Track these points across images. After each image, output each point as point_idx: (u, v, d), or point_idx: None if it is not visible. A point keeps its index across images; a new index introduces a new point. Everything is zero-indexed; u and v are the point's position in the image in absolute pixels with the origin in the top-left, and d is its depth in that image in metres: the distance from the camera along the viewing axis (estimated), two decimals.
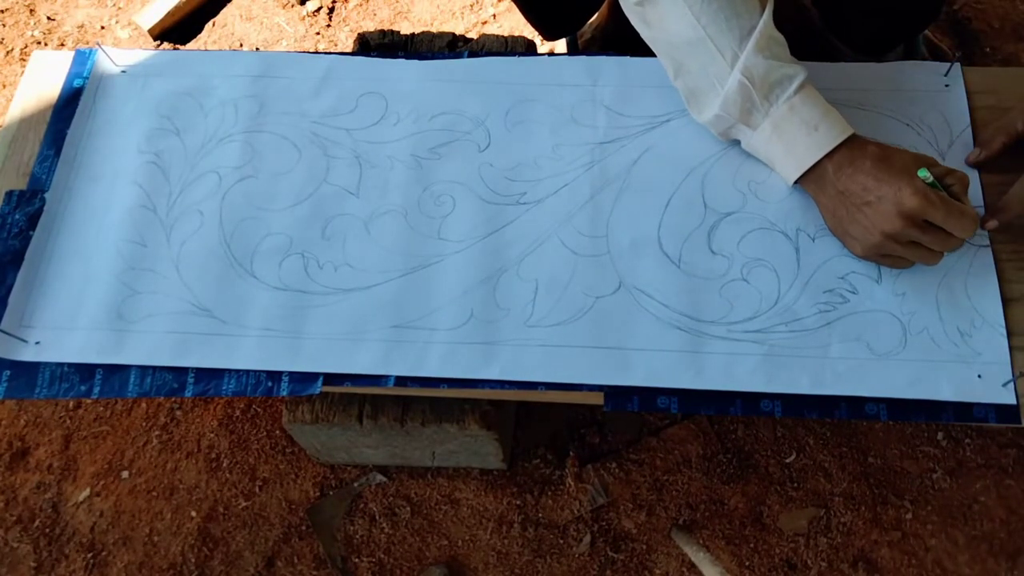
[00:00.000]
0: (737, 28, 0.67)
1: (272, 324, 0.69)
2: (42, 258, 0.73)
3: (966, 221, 0.62)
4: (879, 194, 0.64)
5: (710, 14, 0.67)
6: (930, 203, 0.62)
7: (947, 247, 0.65)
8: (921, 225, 0.63)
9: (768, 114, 0.69)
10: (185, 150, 0.79)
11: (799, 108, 0.67)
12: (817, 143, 0.67)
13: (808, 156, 0.68)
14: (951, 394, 0.64)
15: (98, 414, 1.08)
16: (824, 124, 0.67)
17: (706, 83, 0.71)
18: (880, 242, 0.65)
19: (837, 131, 0.67)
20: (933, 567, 0.94)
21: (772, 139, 0.70)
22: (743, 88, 0.67)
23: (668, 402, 0.67)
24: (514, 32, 1.38)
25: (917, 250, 0.66)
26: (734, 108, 0.69)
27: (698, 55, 0.69)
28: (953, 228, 0.63)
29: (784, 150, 0.70)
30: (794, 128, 0.68)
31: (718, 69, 0.68)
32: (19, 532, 1.00)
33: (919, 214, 0.62)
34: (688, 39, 0.69)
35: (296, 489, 1.02)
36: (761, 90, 0.67)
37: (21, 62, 1.40)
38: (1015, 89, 0.79)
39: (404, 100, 0.81)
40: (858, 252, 0.69)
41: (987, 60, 1.29)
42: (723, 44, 0.67)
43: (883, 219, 0.64)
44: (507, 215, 0.74)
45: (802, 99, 0.67)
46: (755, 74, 0.67)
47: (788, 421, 1.03)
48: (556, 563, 0.96)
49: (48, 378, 0.69)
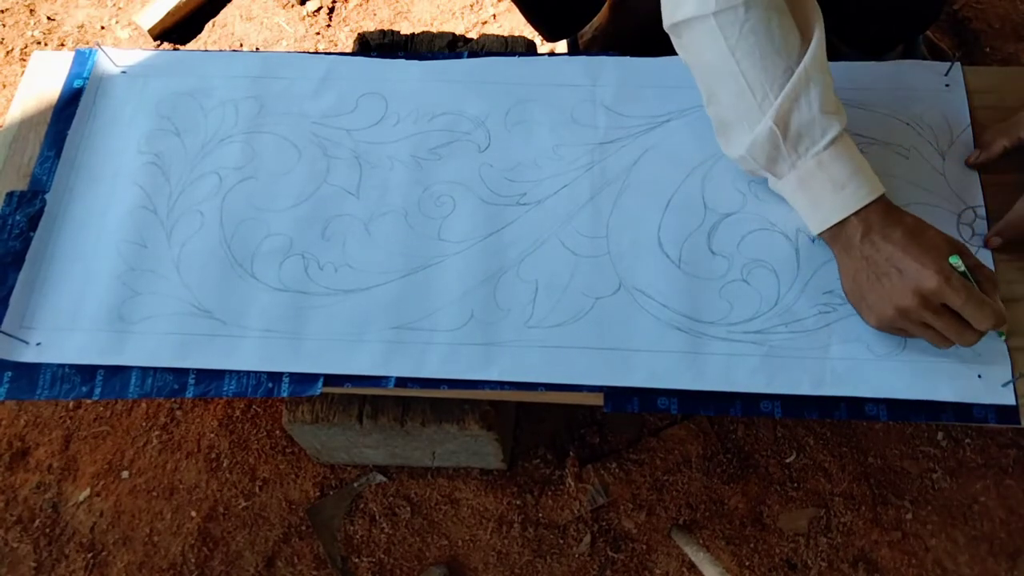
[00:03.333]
0: (772, 67, 0.63)
1: (272, 325, 0.69)
2: (43, 259, 0.73)
3: (986, 312, 0.59)
4: (901, 267, 0.61)
5: (745, 49, 0.63)
6: (951, 287, 0.59)
7: (961, 338, 0.61)
8: (936, 308, 0.61)
9: (795, 166, 0.66)
10: (185, 151, 0.79)
11: (828, 165, 0.64)
12: (843, 202, 0.64)
13: (833, 214, 0.65)
14: (951, 395, 0.64)
15: (98, 414, 1.08)
16: (853, 183, 0.63)
17: (735, 118, 0.67)
18: (892, 316, 0.63)
19: (865, 191, 0.63)
20: (933, 567, 0.94)
21: (797, 191, 0.67)
22: (772, 136, 0.64)
23: (668, 403, 0.67)
24: (514, 32, 1.38)
25: (929, 332, 0.63)
26: (761, 155, 0.66)
27: (729, 88, 0.66)
28: (971, 317, 0.60)
29: (809, 203, 0.67)
30: (820, 184, 0.65)
31: (748, 108, 0.65)
32: (19, 532, 1.00)
33: (936, 296, 0.60)
34: (720, 70, 0.65)
35: (296, 489, 1.02)
36: (791, 142, 0.64)
37: (21, 62, 1.40)
38: (1015, 89, 0.79)
39: (404, 100, 0.81)
40: (872, 322, 0.66)
41: (987, 60, 1.29)
42: (755, 82, 0.64)
43: (899, 293, 0.61)
44: (507, 216, 0.74)
45: (832, 155, 0.64)
46: (787, 123, 0.64)
47: (788, 421, 1.03)
48: (556, 563, 0.96)
49: (49, 379, 0.69)
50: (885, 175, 0.66)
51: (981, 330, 0.61)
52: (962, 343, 0.62)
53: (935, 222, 0.71)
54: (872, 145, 0.76)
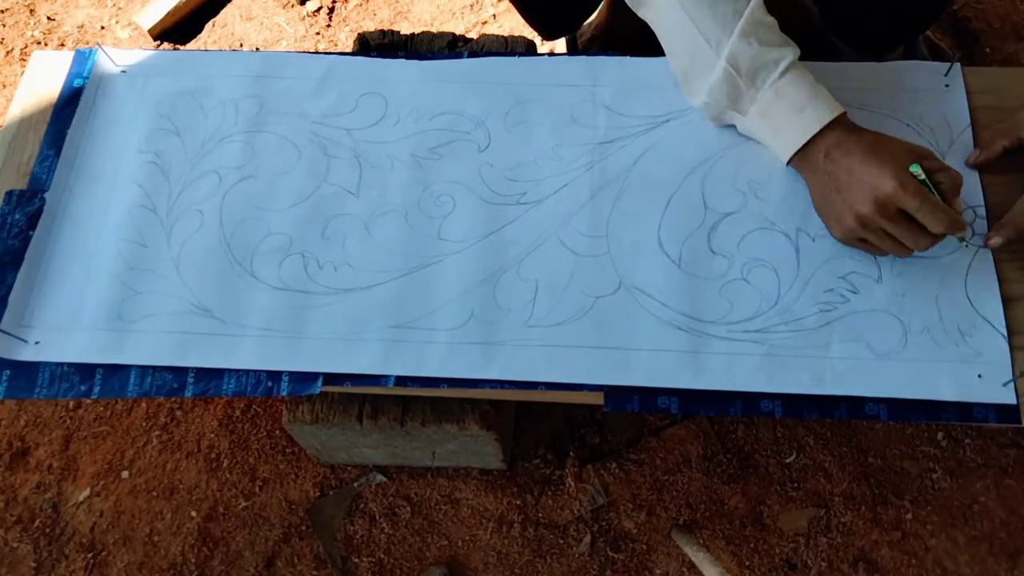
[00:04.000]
0: (721, 14, 0.67)
1: (272, 324, 0.69)
2: (42, 258, 0.73)
3: (939, 216, 0.61)
4: (860, 176, 0.64)
5: (692, 0, 0.67)
6: (906, 191, 0.61)
7: (917, 244, 0.64)
8: (893, 215, 0.63)
9: (755, 100, 0.69)
10: (185, 150, 0.78)
11: (785, 91, 0.67)
12: (804, 125, 0.67)
13: (796, 138, 0.68)
14: (951, 394, 0.64)
15: (98, 414, 1.08)
16: (811, 105, 0.67)
17: (694, 68, 0.71)
18: (853, 226, 0.66)
19: (824, 111, 0.66)
20: (933, 567, 0.94)
21: (761, 123, 0.70)
22: (728, 75, 0.68)
23: (668, 402, 0.67)
24: (514, 32, 1.38)
25: (888, 240, 0.65)
26: (721, 95, 0.70)
27: (685, 40, 0.70)
28: (925, 220, 0.62)
29: (773, 132, 0.70)
30: (781, 111, 0.68)
31: (704, 55, 0.69)
32: (19, 532, 1.00)
33: (892, 201, 0.62)
34: (675, 25, 0.70)
35: (296, 489, 1.02)
36: (746, 76, 0.68)
37: (21, 62, 1.40)
38: (1015, 89, 0.79)
39: (404, 100, 0.81)
40: (837, 234, 0.69)
41: (987, 60, 1.29)
42: (707, 30, 0.68)
43: (859, 201, 0.64)
44: (507, 215, 0.74)
45: (788, 82, 0.67)
46: (740, 61, 0.67)
47: (788, 421, 1.03)
48: (556, 563, 0.96)
49: (48, 378, 0.69)
50: None
51: (935, 233, 0.63)
52: (917, 248, 0.64)
53: None
54: None
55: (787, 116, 0.68)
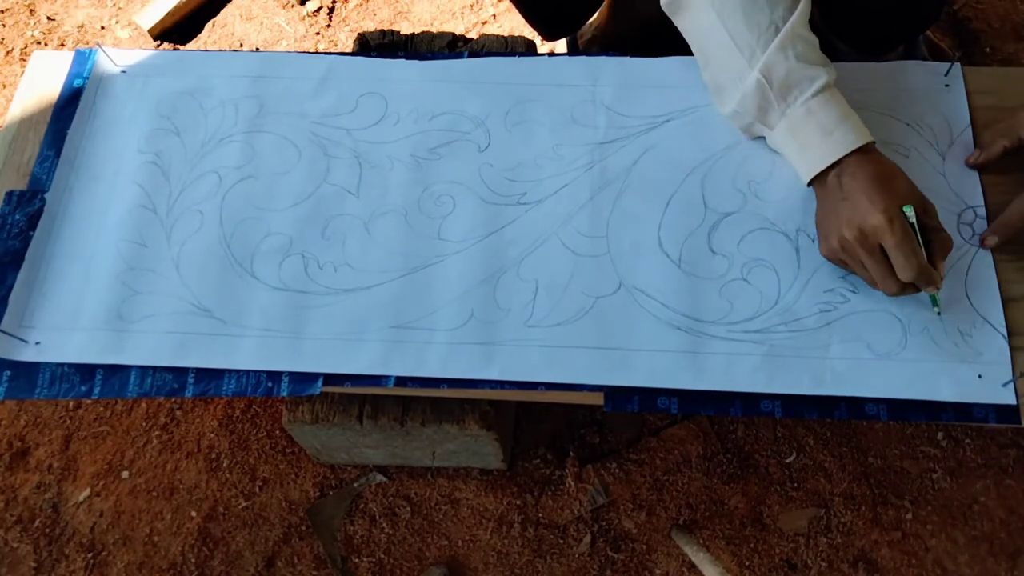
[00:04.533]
0: (756, 24, 0.66)
1: (272, 324, 0.69)
2: (42, 258, 0.73)
3: (911, 263, 0.61)
4: (855, 202, 0.64)
5: (729, 10, 0.67)
6: (890, 229, 0.61)
7: (883, 284, 0.63)
8: (872, 248, 0.63)
9: (784, 114, 0.68)
10: (185, 150, 0.79)
11: (816, 111, 0.66)
12: (831, 148, 0.66)
13: (820, 160, 0.67)
14: (951, 394, 0.64)
15: (98, 414, 1.08)
16: (840, 129, 0.66)
17: (727, 78, 0.71)
18: (835, 246, 0.66)
19: (853, 137, 0.65)
20: (933, 567, 0.94)
21: (787, 139, 0.70)
22: (760, 87, 0.67)
23: (668, 402, 0.67)
24: (514, 32, 1.38)
25: (863, 272, 0.65)
26: (751, 106, 0.69)
27: (720, 49, 0.69)
28: (896, 263, 0.62)
29: (799, 151, 0.69)
30: (809, 131, 0.67)
31: (738, 65, 0.68)
32: (19, 532, 1.00)
33: (874, 234, 0.62)
34: (710, 32, 0.69)
35: (296, 489, 1.02)
36: (779, 90, 0.67)
37: (21, 62, 1.40)
38: (1015, 89, 0.79)
39: (404, 100, 0.81)
40: (821, 250, 0.69)
41: (987, 60, 1.29)
42: (742, 40, 0.67)
43: (845, 225, 0.64)
44: (507, 215, 0.74)
45: (820, 102, 0.66)
46: (773, 74, 0.66)
47: (788, 421, 1.03)
48: (556, 563, 0.96)
49: (48, 378, 0.69)
50: None
51: (902, 279, 0.62)
52: (884, 290, 0.64)
53: None
54: None
55: (815, 136, 0.67)
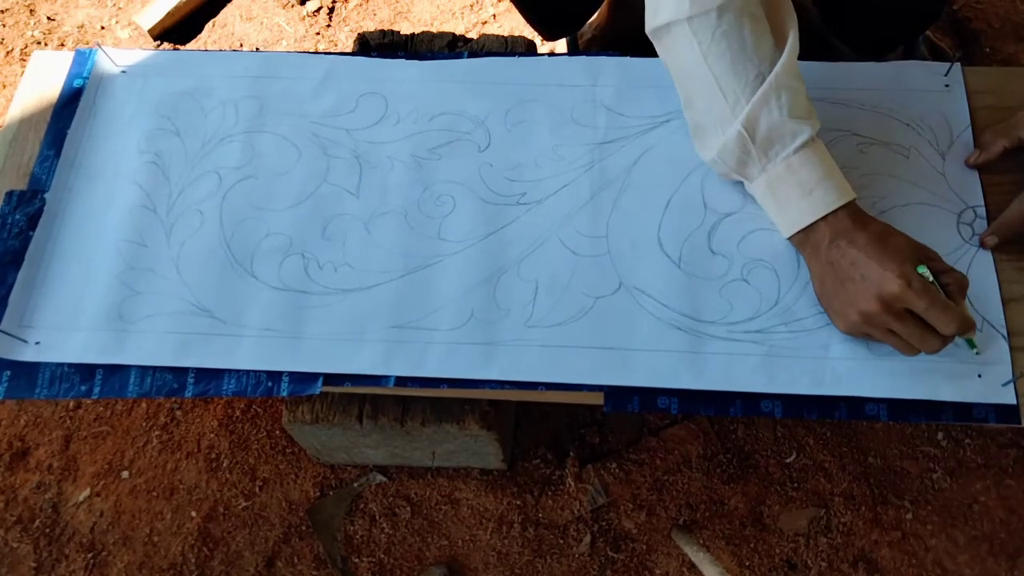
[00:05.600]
0: (744, 73, 0.64)
1: (272, 324, 0.69)
2: (42, 258, 0.73)
3: (950, 316, 0.59)
4: (865, 272, 0.61)
5: (716, 54, 0.64)
6: (913, 291, 0.58)
7: (925, 345, 0.61)
8: (899, 313, 0.60)
9: (764, 170, 0.66)
10: (185, 150, 0.79)
11: (796, 169, 0.64)
12: (810, 207, 0.64)
13: (800, 218, 0.65)
14: (951, 394, 0.64)
15: (98, 414, 1.08)
16: (820, 189, 0.64)
17: (709, 122, 0.68)
18: (858, 321, 0.63)
19: (833, 197, 0.63)
20: (933, 567, 0.94)
21: (767, 195, 0.68)
22: (742, 139, 0.65)
23: (668, 402, 0.67)
24: (514, 32, 1.38)
25: (894, 338, 0.63)
26: (731, 158, 0.67)
27: (703, 92, 0.67)
28: (935, 321, 0.59)
29: (778, 208, 0.68)
30: (788, 189, 0.65)
31: (720, 112, 0.66)
32: (19, 532, 1.00)
33: (899, 301, 0.59)
34: (695, 74, 0.66)
35: (296, 489, 1.02)
36: (761, 145, 0.65)
37: (21, 62, 1.40)
38: (1015, 89, 0.79)
39: (404, 100, 0.81)
40: (841, 327, 0.66)
41: (987, 60, 1.29)
42: (728, 87, 0.64)
43: (862, 298, 0.61)
44: (507, 215, 0.74)
45: (802, 160, 0.64)
46: (756, 127, 0.64)
47: (788, 421, 1.03)
48: (556, 563, 0.96)
49: (48, 378, 0.69)
50: (885, 175, 0.66)
51: (946, 335, 0.60)
52: (926, 350, 0.62)
53: (935, 222, 0.72)
54: (872, 145, 0.76)
55: (794, 194, 0.65)
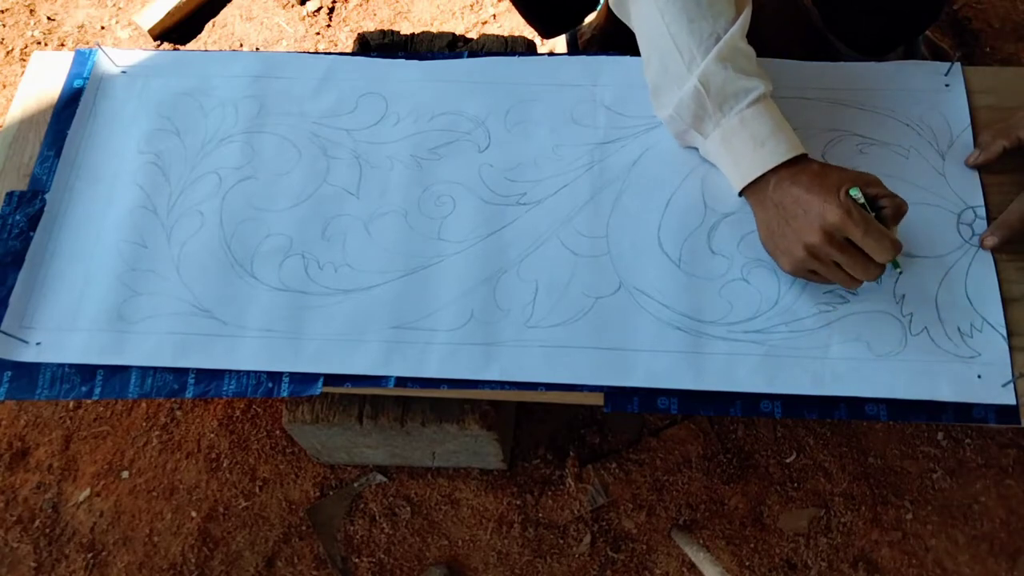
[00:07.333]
0: (698, 32, 0.66)
1: (272, 325, 0.69)
2: (43, 259, 0.73)
3: (884, 243, 0.61)
4: (806, 207, 0.63)
5: (673, 12, 0.67)
6: (851, 220, 0.61)
7: (864, 273, 0.63)
8: (841, 244, 0.62)
9: (719, 124, 0.69)
10: (185, 150, 0.79)
11: (749, 122, 0.67)
12: (762, 159, 0.66)
13: (751, 170, 0.67)
14: (951, 394, 0.64)
15: (98, 414, 1.08)
16: (772, 141, 0.66)
17: (666, 80, 0.70)
18: (803, 256, 0.65)
19: (784, 149, 0.66)
20: (933, 567, 0.94)
21: (720, 150, 0.70)
22: (697, 94, 0.67)
23: (668, 403, 0.67)
24: (514, 32, 1.38)
25: (837, 271, 0.65)
26: (687, 113, 0.69)
27: (661, 51, 0.69)
28: (870, 249, 0.61)
29: (731, 161, 0.69)
30: (742, 142, 0.67)
31: (677, 69, 0.68)
32: (19, 532, 1.00)
33: (839, 229, 0.61)
34: (653, 34, 0.69)
35: (296, 489, 1.02)
36: (715, 100, 0.67)
37: (21, 62, 1.40)
38: (1015, 89, 0.79)
39: (404, 100, 0.81)
40: (786, 268, 0.68)
41: (987, 60, 1.29)
42: (683, 45, 0.67)
43: (806, 231, 0.63)
44: (507, 215, 0.74)
45: (754, 113, 0.67)
46: (711, 83, 0.66)
47: (788, 421, 1.03)
48: (556, 563, 0.96)
49: (49, 379, 0.69)
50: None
51: (880, 261, 0.62)
52: (866, 277, 0.64)
53: (935, 222, 0.72)
54: (872, 145, 0.76)
55: (747, 147, 0.67)
